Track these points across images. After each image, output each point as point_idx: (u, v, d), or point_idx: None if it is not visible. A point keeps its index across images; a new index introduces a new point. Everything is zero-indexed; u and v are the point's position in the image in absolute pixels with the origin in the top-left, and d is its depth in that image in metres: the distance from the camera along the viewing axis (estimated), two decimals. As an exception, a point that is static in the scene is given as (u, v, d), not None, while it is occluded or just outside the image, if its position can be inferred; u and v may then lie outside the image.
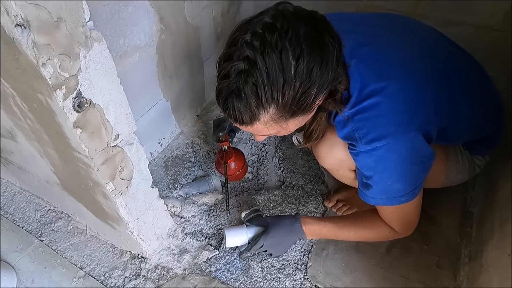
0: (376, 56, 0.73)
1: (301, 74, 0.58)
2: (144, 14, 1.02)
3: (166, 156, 1.35)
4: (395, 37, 0.79)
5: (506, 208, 0.87)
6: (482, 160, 0.95)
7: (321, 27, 0.61)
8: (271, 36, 0.57)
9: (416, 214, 0.85)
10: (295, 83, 0.58)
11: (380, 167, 0.74)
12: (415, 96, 0.71)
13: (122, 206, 0.84)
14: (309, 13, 0.62)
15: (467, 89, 0.81)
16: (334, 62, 0.61)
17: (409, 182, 0.76)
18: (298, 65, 0.57)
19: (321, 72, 0.59)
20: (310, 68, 0.58)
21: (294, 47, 0.57)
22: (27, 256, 1.05)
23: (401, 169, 0.73)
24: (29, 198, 1.20)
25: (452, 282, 0.95)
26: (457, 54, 0.85)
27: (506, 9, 1.10)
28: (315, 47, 0.58)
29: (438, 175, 0.93)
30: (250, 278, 0.98)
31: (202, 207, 1.16)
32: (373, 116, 0.70)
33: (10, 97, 0.71)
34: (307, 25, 0.59)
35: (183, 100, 1.38)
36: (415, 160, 0.73)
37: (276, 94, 0.59)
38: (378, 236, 0.90)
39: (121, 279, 0.99)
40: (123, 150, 0.77)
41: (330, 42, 0.60)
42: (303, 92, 0.60)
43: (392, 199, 0.78)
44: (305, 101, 0.62)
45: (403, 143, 0.70)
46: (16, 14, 0.49)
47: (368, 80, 0.70)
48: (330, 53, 0.60)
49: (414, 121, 0.70)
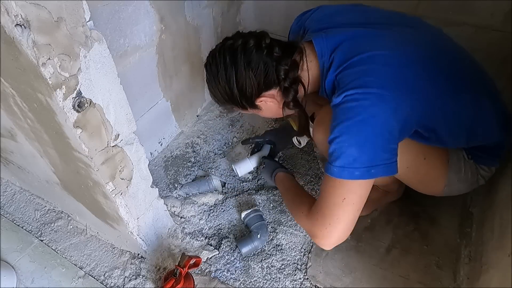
0: (364, 34, 0.79)
1: (224, 80, 0.84)
2: (144, 14, 1.02)
3: (166, 156, 1.35)
4: (389, 26, 0.82)
5: (506, 209, 0.87)
6: (487, 171, 0.91)
7: (251, 44, 0.81)
8: (212, 54, 0.87)
9: (342, 211, 0.73)
10: (224, 87, 0.85)
11: (343, 117, 0.70)
12: (401, 75, 0.72)
13: (122, 206, 0.84)
14: (245, 35, 0.84)
15: (465, 88, 0.80)
16: (257, 69, 0.81)
17: (365, 152, 0.69)
18: (222, 73, 0.83)
19: (238, 77, 0.82)
20: (229, 76, 0.83)
21: (224, 61, 0.82)
22: (27, 255, 1.05)
23: (363, 130, 0.68)
24: (29, 198, 1.20)
25: (452, 282, 0.95)
26: (461, 55, 0.85)
27: (506, 10, 1.10)
28: (236, 60, 0.81)
29: (438, 180, 0.90)
30: (250, 278, 0.98)
31: (202, 207, 1.16)
32: (358, 70, 0.72)
33: (10, 97, 0.71)
34: (237, 51, 0.81)
35: (183, 100, 1.38)
36: (380, 131, 0.68)
37: (215, 93, 0.89)
38: (296, 213, 0.87)
39: (121, 279, 0.99)
40: (123, 150, 0.77)
41: (255, 55, 0.80)
42: (231, 92, 0.84)
43: (343, 168, 0.70)
44: (240, 98, 0.85)
45: (378, 107, 0.69)
46: (16, 14, 0.49)
47: (355, 50, 0.75)
48: (253, 64, 0.81)
49: (395, 95, 0.69)
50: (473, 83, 0.83)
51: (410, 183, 0.97)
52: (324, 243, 0.78)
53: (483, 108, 0.82)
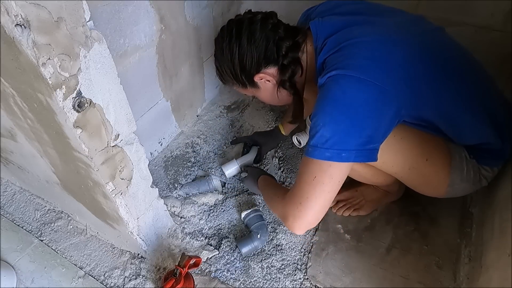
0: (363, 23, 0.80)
1: (228, 51, 0.87)
2: (144, 14, 1.02)
3: (166, 156, 1.35)
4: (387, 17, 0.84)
5: (506, 208, 0.87)
6: (490, 172, 0.90)
7: (257, 19, 0.85)
8: (221, 28, 0.91)
9: (312, 190, 0.74)
10: (227, 58, 0.88)
11: (322, 98, 0.71)
12: (389, 61, 0.71)
13: (122, 206, 0.84)
14: (255, 12, 0.88)
15: (468, 84, 0.80)
16: (258, 45, 0.84)
17: (338, 134, 0.68)
18: (226, 44, 0.87)
19: (241, 52, 0.86)
20: (232, 47, 0.86)
21: (230, 32, 0.87)
22: (27, 255, 1.05)
23: (338, 112, 0.68)
24: (29, 198, 1.20)
25: (452, 282, 0.95)
26: (462, 51, 0.85)
27: (506, 10, 1.10)
28: (241, 32, 0.85)
29: (441, 180, 0.89)
30: (250, 278, 0.98)
31: (202, 207, 1.16)
32: (344, 53, 0.73)
33: (10, 97, 0.71)
34: (244, 23, 0.85)
35: (183, 100, 1.38)
36: (355, 115, 0.68)
37: (220, 66, 0.93)
38: (272, 200, 0.91)
39: (121, 279, 0.99)
40: (123, 150, 0.77)
41: (259, 32, 0.84)
42: (232, 64, 0.88)
43: (315, 148, 0.71)
44: (241, 71, 0.88)
45: (357, 89, 0.68)
46: (16, 13, 0.49)
47: (347, 35, 0.77)
48: (256, 40, 0.84)
49: (377, 81, 0.68)
50: (468, 80, 0.82)
51: (413, 185, 0.96)
52: (295, 226, 0.78)
53: (471, 106, 0.81)
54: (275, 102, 0.97)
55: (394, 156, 0.85)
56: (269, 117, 1.50)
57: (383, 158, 0.78)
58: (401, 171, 0.89)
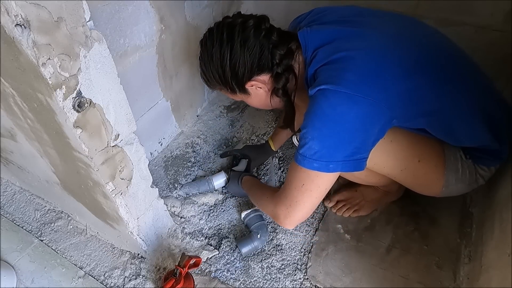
0: (355, 33, 0.79)
1: (218, 56, 0.82)
2: (144, 14, 1.02)
3: (166, 156, 1.35)
4: (376, 22, 0.83)
5: (506, 208, 0.87)
6: (486, 171, 0.89)
7: (250, 24, 0.81)
8: (209, 30, 0.86)
9: (301, 196, 0.79)
10: (216, 63, 0.83)
11: (311, 111, 0.72)
12: (380, 75, 0.72)
13: (122, 206, 0.84)
14: (245, 15, 0.84)
15: (464, 85, 0.80)
16: (252, 51, 0.80)
17: (326, 147, 0.71)
18: (217, 49, 0.82)
19: (233, 59, 0.81)
20: (223, 52, 0.81)
21: (221, 37, 0.81)
22: (27, 255, 1.05)
23: (326, 127, 0.71)
24: (29, 198, 1.20)
25: (452, 282, 0.95)
26: (458, 53, 0.85)
27: (506, 10, 1.10)
28: (233, 37, 0.80)
29: (435, 181, 0.89)
30: (250, 278, 0.98)
31: (202, 207, 1.16)
32: (335, 68, 0.73)
33: (10, 97, 0.71)
34: (236, 28, 0.81)
35: (183, 100, 1.38)
36: (343, 130, 0.70)
37: (207, 71, 0.87)
38: (261, 199, 0.95)
39: (121, 279, 0.99)
40: (123, 150, 0.77)
41: (253, 38, 0.80)
42: (223, 70, 0.83)
43: (304, 157, 0.74)
44: (231, 78, 0.84)
45: (346, 106, 0.69)
46: (16, 13, 0.49)
47: (340, 46, 0.76)
48: (250, 46, 0.80)
49: (367, 96, 0.69)
50: (465, 84, 0.81)
51: (408, 185, 0.97)
52: (286, 223, 0.85)
53: (469, 112, 0.81)
54: (265, 107, 0.96)
55: (386, 158, 0.85)
56: (269, 117, 1.50)
57: (374, 160, 0.79)
58: (393, 172, 0.90)
